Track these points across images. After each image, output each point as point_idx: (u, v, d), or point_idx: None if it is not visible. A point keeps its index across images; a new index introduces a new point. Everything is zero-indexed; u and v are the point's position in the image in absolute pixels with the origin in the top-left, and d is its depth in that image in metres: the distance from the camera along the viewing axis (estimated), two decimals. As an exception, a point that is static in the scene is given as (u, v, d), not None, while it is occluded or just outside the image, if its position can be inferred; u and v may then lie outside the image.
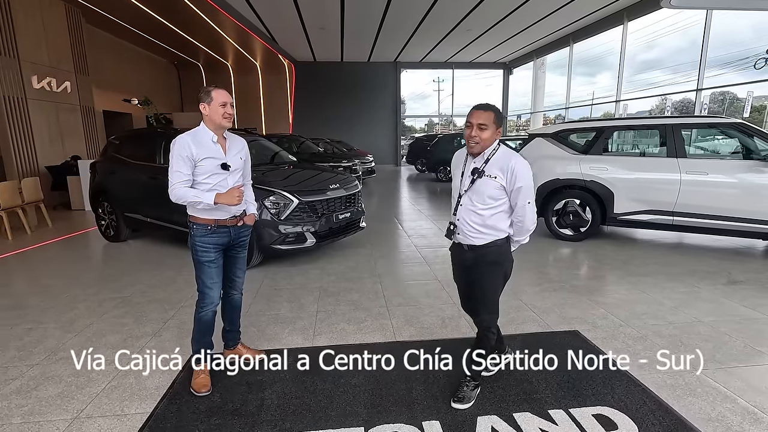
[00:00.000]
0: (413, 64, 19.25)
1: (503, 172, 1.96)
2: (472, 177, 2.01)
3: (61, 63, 9.67)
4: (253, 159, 5.46)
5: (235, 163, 2.36)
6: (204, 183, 2.26)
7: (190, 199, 2.20)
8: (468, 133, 1.97)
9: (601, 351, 2.71)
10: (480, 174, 1.99)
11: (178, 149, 2.20)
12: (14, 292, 4.09)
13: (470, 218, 2.06)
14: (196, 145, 2.22)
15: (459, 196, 2.09)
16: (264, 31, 13.36)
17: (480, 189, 2.00)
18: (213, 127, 2.28)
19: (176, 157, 2.20)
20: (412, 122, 23.22)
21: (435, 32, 13.96)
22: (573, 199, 5.40)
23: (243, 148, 2.47)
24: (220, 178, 2.29)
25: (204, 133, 2.28)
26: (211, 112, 2.24)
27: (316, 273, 4.34)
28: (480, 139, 1.94)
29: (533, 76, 17.69)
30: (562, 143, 5.53)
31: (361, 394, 2.27)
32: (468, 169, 2.05)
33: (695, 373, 2.46)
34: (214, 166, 2.26)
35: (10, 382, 2.45)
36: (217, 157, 2.27)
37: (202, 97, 2.25)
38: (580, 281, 4.06)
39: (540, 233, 5.85)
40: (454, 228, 2.14)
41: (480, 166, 2.00)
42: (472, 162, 2.05)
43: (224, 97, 2.24)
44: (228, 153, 2.33)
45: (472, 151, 2.01)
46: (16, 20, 8.36)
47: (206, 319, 2.36)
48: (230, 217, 2.36)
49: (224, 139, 2.35)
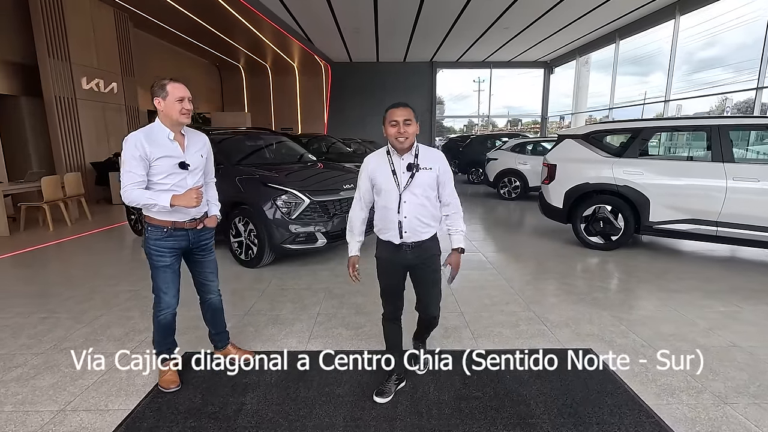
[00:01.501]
0: (449, 64, 18.92)
1: (434, 163, 2.07)
2: (411, 172, 2.04)
3: (108, 65, 10.25)
4: (273, 159, 5.59)
5: (195, 161, 2.21)
6: (161, 183, 2.11)
7: (144, 202, 2.05)
8: (396, 131, 1.99)
9: (615, 374, 2.45)
10: (417, 168, 2.04)
11: (129, 148, 2.03)
12: (43, 280, 4.31)
13: (419, 213, 2.06)
14: (149, 143, 2.06)
15: (399, 196, 2.04)
16: (300, 32, 13.56)
17: (420, 182, 2.05)
18: (169, 123, 2.13)
19: (128, 158, 2.03)
20: (451, 123, 22.84)
21: (471, 31, 13.63)
22: (604, 205, 5.03)
23: (204, 144, 2.32)
24: (179, 177, 2.15)
25: (159, 130, 2.12)
26: (167, 107, 2.09)
27: (325, 274, 4.28)
28: (408, 134, 1.99)
29: (576, 75, 16.88)
30: (593, 145, 5.17)
31: (343, 406, 2.17)
32: (400, 168, 2.05)
33: (722, 406, 2.16)
34: (171, 166, 2.11)
35: (13, 370, 2.54)
36: (174, 156, 2.12)
37: (156, 91, 2.10)
38: (603, 294, 3.75)
39: (567, 240, 5.52)
40: (403, 226, 2.06)
41: (413, 161, 2.05)
42: (400, 160, 2.06)
43: (181, 91, 2.10)
44: (187, 151, 2.19)
45: (402, 146, 2.02)
46: (69, 26, 8.92)
47: (165, 322, 2.29)
48: (189, 220, 2.23)
49: (182, 136, 2.20)
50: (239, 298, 3.66)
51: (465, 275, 4.27)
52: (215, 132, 5.64)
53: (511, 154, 9.41)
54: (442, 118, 21.91)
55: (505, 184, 9.42)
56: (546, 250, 5.23)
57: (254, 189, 4.38)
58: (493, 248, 5.43)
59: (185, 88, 2.14)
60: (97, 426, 2.04)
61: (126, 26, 10.87)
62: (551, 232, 6.08)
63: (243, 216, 4.42)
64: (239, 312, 3.38)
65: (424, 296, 2.22)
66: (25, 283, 4.24)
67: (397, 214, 2.05)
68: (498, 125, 22.16)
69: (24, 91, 8.67)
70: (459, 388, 2.32)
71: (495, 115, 21.08)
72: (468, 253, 5.12)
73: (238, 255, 4.55)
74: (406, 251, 2.10)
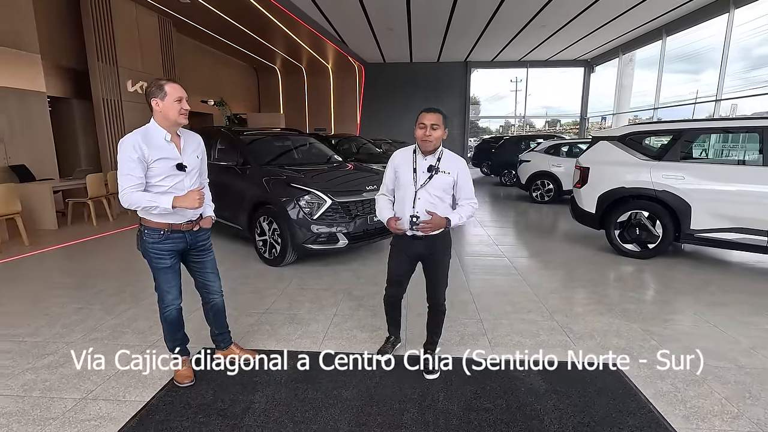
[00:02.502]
0: (484, 64, 18.58)
1: (454, 168, 2.26)
2: (429, 173, 2.23)
3: (152, 68, 10.74)
4: (300, 159, 5.66)
5: (192, 162, 2.20)
6: (158, 186, 2.09)
7: (145, 204, 2.04)
8: (422, 133, 2.19)
9: (640, 392, 2.30)
10: (436, 170, 2.23)
11: (127, 150, 2.00)
12: (81, 272, 4.56)
13: (430, 210, 2.23)
14: (147, 145, 2.03)
15: (414, 193, 2.24)
16: (334, 34, 13.72)
17: (437, 183, 2.24)
18: (167, 124, 2.11)
19: (125, 160, 2.00)
20: (487, 123, 22.42)
21: (506, 30, 13.31)
22: (641, 211, 4.76)
23: (199, 145, 2.31)
24: (177, 179, 2.13)
25: (156, 131, 2.10)
26: (165, 107, 2.06)
27: (347, 275, 4.29)
28: (433, 138, 2.19)
29: (618, 73, 16.11)
30: (630, 147, 4.89)
31: (349, 410, 2.15)
32: (421, 167, 2.26)
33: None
34: (169, 167, 2.10)
35: (45, 357, 2.69)
36: (171, 157, 2.11)
37: (153, 91, 2.06)
38: (634, 305, 3.53)
39: (600, 247, 5.27)
40: (417, 220, 2.24)
41: (435, 164, 2.24)
42: (423, 160, 2.26)
43: (179, 91, 2.09)
44: (184, 152, 2.18)
45: (426, 149, 2.23)
46: (116, 32, 9.44)
47: (171, 318, 2.34)
48: (186, 222, 2.22)
49: (178, 137, 2.19)
50: (260, 297, 3.72)
51: (488, 280, 4.16)
52: (246, 133, 5.80)
53: (544, 156, 9.10)
54: (477, 118, 21.56)
55: (538, 187, 9.13)
56: (577, 257, 5.01)
57: (278, 189, 4.45)
58: (520, 253, 5.26)
59: (182, 88, 2.13)
60: (114, 416, 2.12)
61: (169, 31, 11.38)
62: (584, 238, 5.82)
63: (267, 215, 4.51)
64: (258, 310, 3.43)
65: (433, 284, 2.42)
66: (67, 275, 4.50)
67: (412, 208, 2.24)
68: (536, 126, 21.57)
69: (76, 94, 9.24)
70: (470, 398, 2.24)
71: (532, 115, 20.54)
72: (493, 257, 5.00)
73: (263, 253, 4.64)
74: (417, 242, 2.30)
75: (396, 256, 2.42)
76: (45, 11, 8.13)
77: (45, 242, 5.69)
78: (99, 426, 2.04)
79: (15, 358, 2.67)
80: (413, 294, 3.26)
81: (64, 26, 8.79)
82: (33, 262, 4.89)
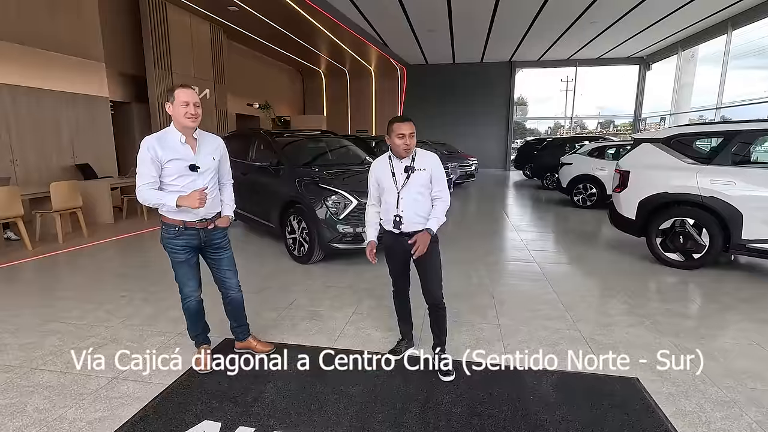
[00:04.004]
0: (530, 63, 18.06)
1: (428, 164, 2.40)
2: (407, 174, 2.38)
3: (203, 73, 11.42)
4: (334, 161, 5.80)
5: (206, 163, 2.32)
6: (172, 185, 2.24)
7: (154, 202, 2.20)
8: (403, 143, 2.34)
9: (658, 409, 2.17)
10: (413, 170, 2.39)
11: (143, 151, 2.17)
12: (130, 263, 4.94)
13: (414, 208, 2.39)
14: (161, 147, 2.18)
15: (397, 194, 2.39)
16: (376, 36, 13.89)
17: (416, 181, 2.38)
18: (180, 127, 2.24)
19: (142, 160, 2.18)
20: (534, 125, 21.74)
21: (552, 29, 12.88)
22: (685, 218, 4.45)
23: (217, 147, 2.42)
24: (189, 179, 2.26)
25: (172, 134, 2.24)
26: (174, 111, 2.20)
27: (371, 275, 4.35)
28: (411, 145, 2.37)
29: (677, 71, 15.08)
30: (675, 150, 4.59)
31: (352, 406, 2.20)
32: (398, 170, 2.41)
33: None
34: (182, 168, 2.22)
35: (87, 339, 2.96)
36: (184, 158, 2.23)
37: (167, 96, 2.21)
38: (668, 318, 3.32)
39: (641, 256, 4.98)
40: (400, 219, 2.40)
41: (410, 164, 2.40)
42: (399, 163, 2.41)
43: (187, 96, 2.18)
44: (198, 153, 2.29)
45: (404, 155, 2.38)
46: (172, 40, 10.13)
47: (191, 308, 2.48)
48: (199, 220, 2.33)
49: (194, 140, 2.30)
50: (285, 292, 3.87)
51: (513, 285, 4.07)
52: (281, 135, 6.03)
53: (587, 159, 8.72)
54: (524, 119, 20.98)
55: (580, 191, 8.75)
56: (613, 265, 4.77)
57: (307, 189, 4.60)
58: (553, 259, 5.08)
59: (193, 93, 2.23)
60: (139, 395, 2.30)
61: (219, 38, 12.03)
62: (625, 245, 5.52)
63: (297, 214, 4.67)
64: (282, 305, 3.57)
65: (425, 281, 2.48)
66: (117, 265, 4.90)
67: (396, 208, 2.40)
68: (588, 127, 20.63)
69: (135, 99, 10.01)
70: (475, 403, 2.22)
71: (583, 116, 19.68)
72: (522, 262, 4.87)
73: (292, 251, 4.81)
74: (404, 239, 2.41)
75: (389, 253, 2.60)
76: (110, 23, 8.87)
77: (102, 235, 6.22)
78: (125, 404, 2.22)
79: (63, 339, 2.96)
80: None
81: (125, 37, 9.54)
82: (90, 252, 5.37)
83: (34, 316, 3.36)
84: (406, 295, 2.70)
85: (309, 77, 19.68)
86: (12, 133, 6.78)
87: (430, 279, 2.47)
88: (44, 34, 7.21)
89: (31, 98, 7.04)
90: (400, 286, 2.67)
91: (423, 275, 2.49)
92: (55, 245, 5.57)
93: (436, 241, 2.46)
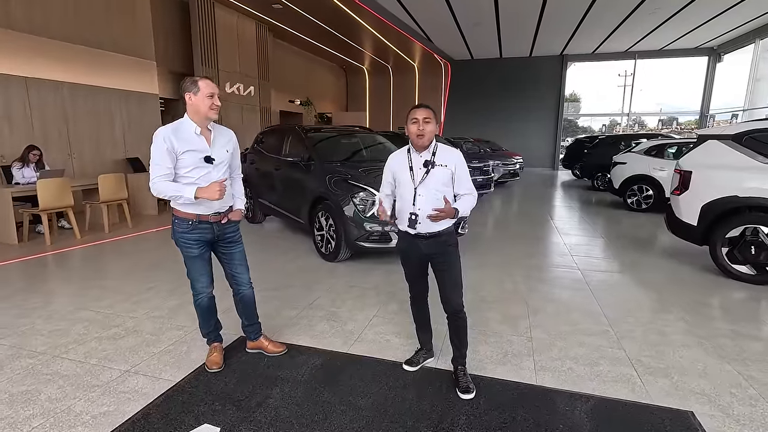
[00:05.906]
0: (584, 57, 17.03)
1: (451, 161, 2.20)
2: (426, 169, 2.18)
3: (248, 71, 11.70)
4: (366, 157, 5.66)
5: (220, 155, 2.28)
6: (186, 177, 2.19)
7: (171, 194, 2.14)
8: (416, 128, 2.14)
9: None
10: (432, 165, 2.17)
11: (158, 142, 2.13)
12: (159, 255, 5.04)
13: (431, 206, 2.15)
14: (176, 138, 2.15)
15: (414, 189, 2.19)
16: (420, 32, 13.62)
17: (436, 178, 2.18)
18: (198, 119, 2.21)
19: (156, 151, 2.13)
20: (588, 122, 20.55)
21: (609, 18, 12.02)
22: (759, 226, 3.90)
23: (230, 140, 2.39)
24: (204, 171, 2.22)
25: (187, 125, 2.21)
26: (198, 101, 2.16)
27: (396, 277, 4.16)
28: (427, 131, 2.14)
29: (753, 63, 13.61)
30: (748, 148, 4.03)
31: (359, 419, 2.03)
32: (417, 164, 2.20)
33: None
34: (197, 160, 2.19)
35: (111, 329, 3.01)
36: (199, 150, 2.20)
37: (188, 86, 2.17)
38: (733, 340, 2.88)
39: (703, 267, 4.45)
40: (416, 218, 2.19)
41: (430, 159, 2.18)
42: (418, 157, 2.20)
43: (212, 87, 2.18)
44: (213, 145, 2.26)
45: (420, 144, 2.17)
46: (219, 38, 10.43)
47: (203, 304, 2.44)
48: (213, 213, 2.29)
49: (209, 131, 2.27)
50: (308, 291, 3.78)
51: (551, 294, 3.74)
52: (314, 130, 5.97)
53: (643, 158, 8.01)
54: (576, 116, 19.90)
55: (634, 193, 8.06)
56: (670, 276, 4.28)
57: (335, 185, 4.48)
58: (599, 267, 4.64)
59: (215, 85, 2.24)
60: (147, 391, 2.27)
61: (265, 35, 12.28)
62: (686, 254, 4.97)
63: (325, 211, 4.57)
64: (302, 304, 3.48)
65: (444, 287, 2.29)
66: (150, 257, 5.04)
67: (412, 206, 2.19)
68: (648, 125, 19.20)
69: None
70: (494, 427, 1.99)
71: (642, 112, 18.34)
72: (564, 269, 4.50)
73: (319, 248, 4.72)
74: (420, 241, 2.24)
75: (404, 257, 2.40)
76: (161, 23, 9.26)
77: (145, 225, 6.48)
78: (131, 399, 2.19)
79: (89, 327, 3.03)
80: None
81: (175, 36, 9.93)
82: (132, 242, 5.58)
83: (68, 304, 3.48)
84: (425, 301, 2.50)
85: (352, 74, 19.74)
86: (70, 128, 7.23)
87: (449, 285, 2.27)
88: (102, 36, 7.62)
89: (88, 95, 7.48)
90: (417, 291, 2.48)
91: (441, 281, 2.30)
92: (101, 234, 5.86)
93: (455, 244, 2.28)
